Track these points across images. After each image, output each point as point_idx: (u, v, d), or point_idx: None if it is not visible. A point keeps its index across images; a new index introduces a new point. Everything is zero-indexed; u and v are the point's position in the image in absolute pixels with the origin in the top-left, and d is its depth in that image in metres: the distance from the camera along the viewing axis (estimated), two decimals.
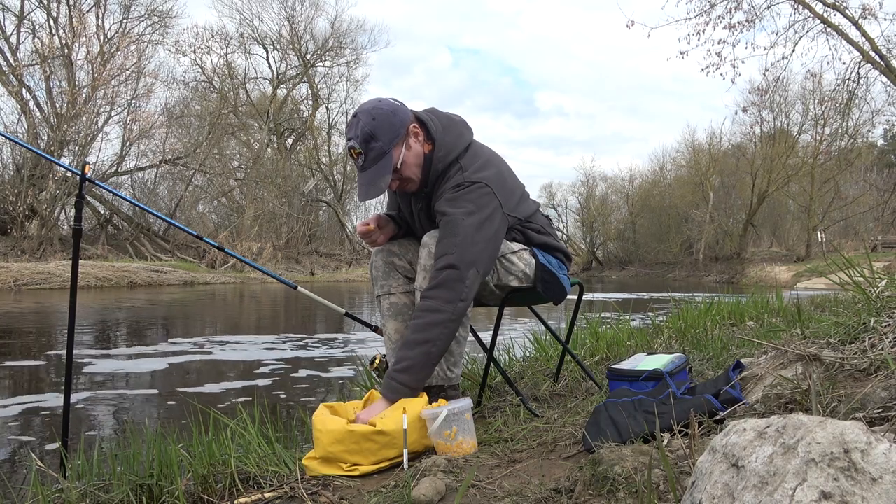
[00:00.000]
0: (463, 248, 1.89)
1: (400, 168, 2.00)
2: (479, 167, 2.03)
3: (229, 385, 4.42)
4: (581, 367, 2.57)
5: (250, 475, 1.69)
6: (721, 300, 4.95)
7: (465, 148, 2.07)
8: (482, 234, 1.93)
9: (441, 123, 2.07)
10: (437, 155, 2.02)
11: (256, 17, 34.26)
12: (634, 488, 1.17)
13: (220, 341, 7.49)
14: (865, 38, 14.71)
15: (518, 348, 3.63)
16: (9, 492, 2.15)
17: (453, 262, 1.88)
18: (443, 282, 1.88)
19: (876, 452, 0.78)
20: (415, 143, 2.01)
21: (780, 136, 31.90)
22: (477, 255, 1.91)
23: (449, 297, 1.87)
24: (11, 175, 22.03)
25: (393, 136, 1.96)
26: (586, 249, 49.43)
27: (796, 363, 1.58)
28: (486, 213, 1.95)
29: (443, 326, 1.86)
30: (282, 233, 29.72)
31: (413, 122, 2.02)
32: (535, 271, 2.15)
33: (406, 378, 1.84)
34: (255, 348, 6.67)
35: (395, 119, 1.97)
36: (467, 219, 1.92)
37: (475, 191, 1.96)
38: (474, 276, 1.91)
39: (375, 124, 1.95)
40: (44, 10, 22.53)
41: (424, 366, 1.85)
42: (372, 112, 1.98)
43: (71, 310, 2.24)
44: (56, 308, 10.54)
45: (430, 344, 1.85)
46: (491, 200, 1.98)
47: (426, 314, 1.87)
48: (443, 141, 2.04)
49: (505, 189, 2.06)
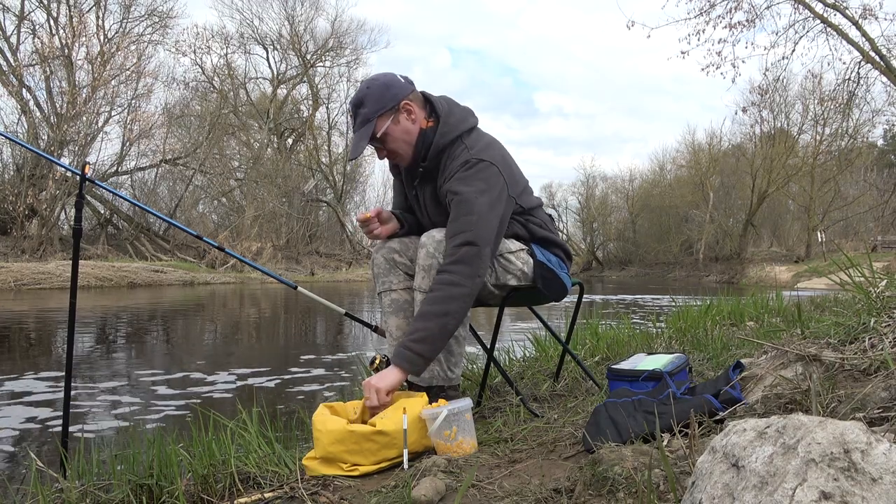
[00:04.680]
0: (479, 226, 1.92)
1: (384, 139, 2.06)
2: (484, 147, 2.06)
3: (229, 385, 4.42)
4: (581, 367, 2.57)
5: (250, 475, 1.69)
6: (721, 300, 4.95)
7: (469, 129, 2.11)
8: (494, 213, 1.96)
9: (448, 105, 2.13)
10: (441, 130, 2.07)
11: (256, 17, 34.32)
12: (634, 488, 1.17)
13: (219, 341, 7.50)
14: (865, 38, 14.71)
15: (518, 348, 3.64)
16: (9, 492, 2.15)
17: (471, 239, 1.90)
18: (462, 257, 1.89)
19: (876, 452, 0.78)
20: (405, 120, 2.06)
21: (780, 136, 31.89)
22: (491, 233, 1.94)
23: (469, 273, 1.89)
24: (11, 175, 22.04)
25: (379, 107, 2.03)
26: (586, 249, 49.43)
27: (796, 363, 1.58)
28: (495, 192, 1.98)
29: (462, 301, 1.88)
30: (282, 233, 29.71)
31: (409, 100, 2.06)
32: (534, 269, 2.15)
33: (422, 348, 1.84)
34: (255, 348, 6.68)
35: (388, 92, 2.04)
36: (480, 197, 1.95)
37: (484, 170, 1.99)
38: (488, 255, 1.94)
39: (368, 92, 2.05)
40: (44, 10, 22.55)
41: (439, 338, 1.87)
42: (370, 81, 2.09)
43: (71, 310, 2.24)
44: (56, 308, 10.54)
45: (448, 317, 1.87)
46: (498, 180, 2.00)
47: (446, 287, 1.88)
48: (447, 119, 2.08)
49: (510, 172, 2.08)
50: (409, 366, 1.84)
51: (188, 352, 6.41)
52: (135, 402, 3.86)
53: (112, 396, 4.03)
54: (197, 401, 3.85)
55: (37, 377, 4.67)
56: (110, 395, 4.06)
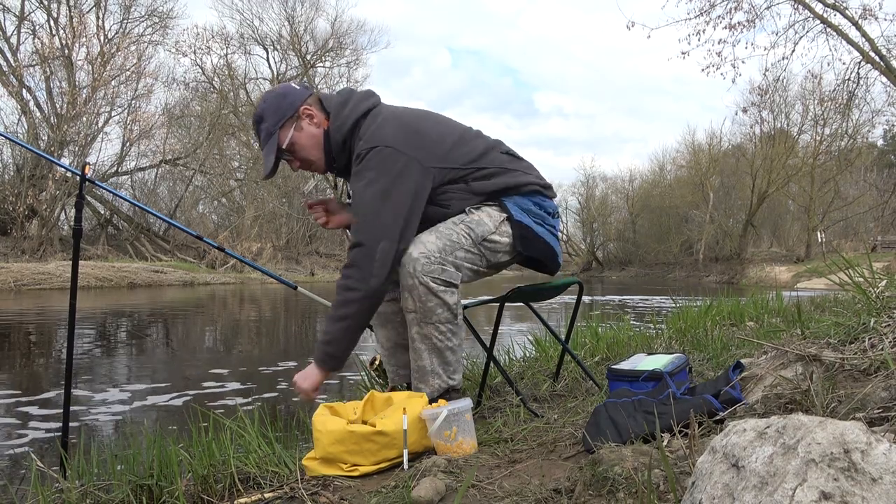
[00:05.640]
0: (366, 224, 1.90)
1: (292, 149, 2.03)
2: (377, 129, 1.96)
3: (229, 385, 4.42)
4: (581, 367, 2.57)
5: (250, 475, 1.69)
6: (721, 300, 4.95)
7: (363, 113, 2.01)
8: (388, 203, 1.89)
9: (342, 97, 2.06)
10: (333, 126, 2.02)
11: (257, 18, 34.38)
12: (634, 488, 1.17)
13: (219, 342, 7.50)
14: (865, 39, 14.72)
15: (518, 348, 3.63)
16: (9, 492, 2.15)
17: (359, 240, 1.91)
18: (353, 260, 1.91)
19: (876, 453, 0.78)
20: (307, 125, 2.03)
21: (780, 137, 31.87)
22: (384, 226, 1.89)
23: (360, 276, 1.89)
24: (11, 175, 22.04)
25: (279, 117, 2.00)
26: (586, 249, 49.45)
27: (796, 363, 1.58)
28: (390, 177, 1.90)
29: (358, 304, 1.91)
30: (282, 233, 29.71)
31: (307, 105, 2.02)
32: (513, 233, 2.04)
33: (332, 349, 1.93)
34: (255, 348, 6.68)
35: (284, 102, 2.01)
36: (367, 190, 1.92)
37: (373, 157, 1.92)
38: (385, 249, 1.88)
39: (265, 106, 2.03)
40: (44, 11, 22.56)
41: (345, 339, 1.93)
42: (266, 95, 2.07)
43: (71, 310, 2.24)
44: (56, 308, 10.54)
45: (348, 320, 1.92)
46: (395, 161, 1.91)
47: (342, 292, 1.92)
48: (338, 112, 2.02)
49: (421, 140, 1.97)
50: (326, 364, 1.94)
51: (188, 352, 6.41)
52: (135, 402, 3.86)
53: (112, 396, 4.03)
54: (197, 401, 3.85)
55: (37, 377, 4.67)
56: (110, 395, 4.06)
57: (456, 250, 1.96)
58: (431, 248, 1.92)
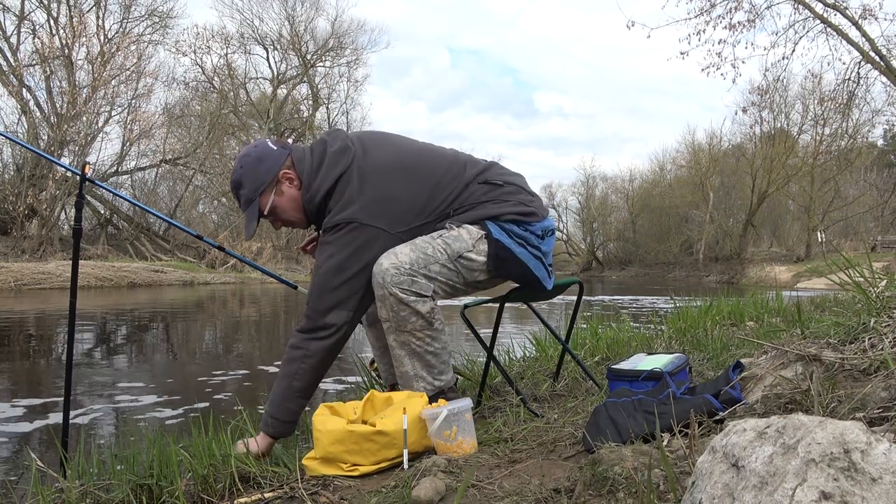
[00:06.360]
0: (317, 297, 1.95)
1: (273, 213, 2.05)
2: (344, 205, 1.95)
3: (229, 385, 4.42)
4: (581, 367, 2.57)
5: (250, 475, 1.69)
6: (721, 300, 4.95)
7: (334, 182, 1.98)
8: (343, 276, 1.93)
9: (314, 161, 2.02)
10: (305, 198, 2.02)
11: (257, 18, 34.37)
12: (634, 488, 1.17)
13: (219, 341, 7.50)
14: (865, 39, 14.73)
15: (518, 348, 3.63)
16: (9, 492, 2.15)
17: (308, 312, 1.96)
18: (301, 325, 1.97)
19: (876, 452, 0.78)
20: (287, 188, 2.03)
21: (780, 137, 31.86)
22: (337, 298, 1.94)
23: (305, 337, 1.95)
24: (11, 175, 22.05)
25: (258, 184, 2.00)
26: (586, 249, 49.45)
27: (796, 363, 1.58)
28: (350, 249, 1.93)
29: (300, 362, 1.94)
30: (282, 233, 29.71)
31: (285, 168, 2.01)
32: (489, 252, 2.01)
33: (272, 410, 1.94)
34: (255, 348, 6.68)
35: (262, 167, 2.00)
36: (325, 264, 1.95)
37: (336, 233, 1.95)
38: (338, 316, 1.94)
39: (242, 172, 2.02)
40: (44, 11, 22.56)
41: (284, 398, 1.94)
42: (242, 160, 2.04)
43: (71, 310, 2.24)
44: (56, 308, 10.54)
45: (294, 377, 1.94)
46: (357, 235, 1.93)
47: (288, 349, 1.97)
48: (309, 185, 2.01)
49: (391, 207, 1.97)
50: (268, 428, 1.93)
51: (188, 352, 6.42)
52: (135, 402, 3.86)
53: (112, 396, 4.03)
54: (197, 401, 3.85)
55: (37, 377, 4.67)
56: (110, 395, 4.06)
57: (430, 264, 1.95)
58: (403, 260, 1.92)
